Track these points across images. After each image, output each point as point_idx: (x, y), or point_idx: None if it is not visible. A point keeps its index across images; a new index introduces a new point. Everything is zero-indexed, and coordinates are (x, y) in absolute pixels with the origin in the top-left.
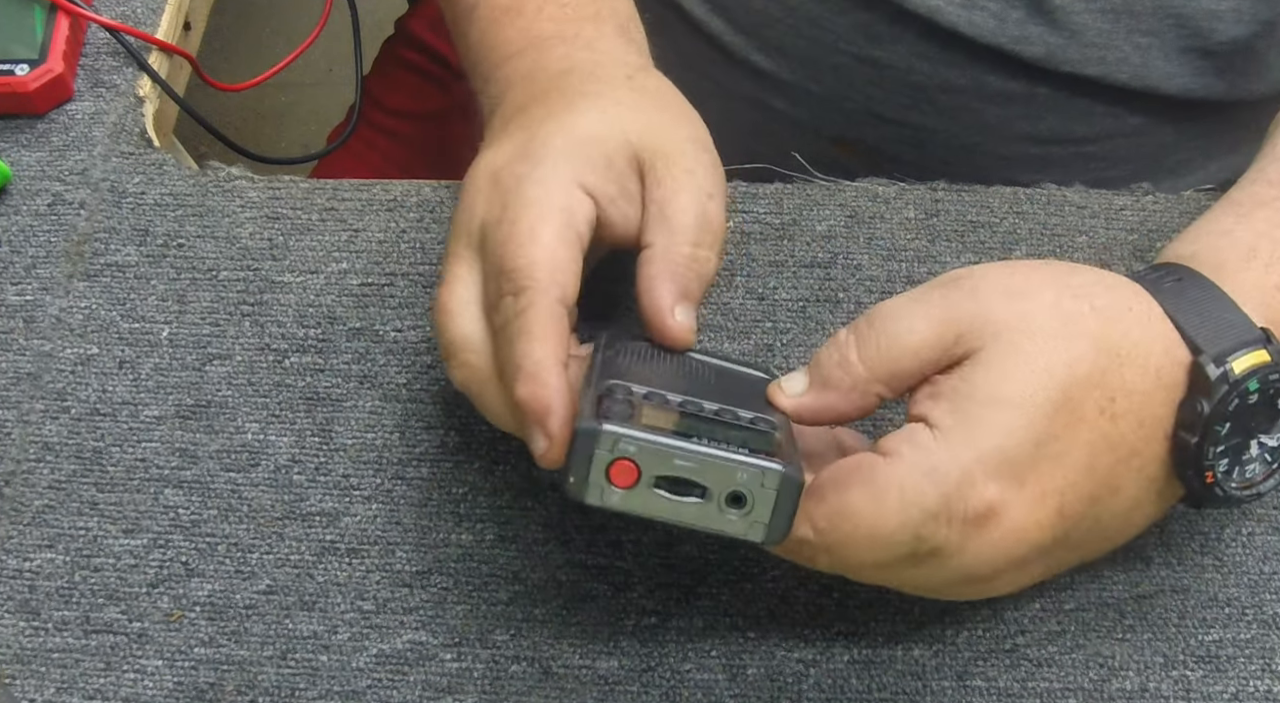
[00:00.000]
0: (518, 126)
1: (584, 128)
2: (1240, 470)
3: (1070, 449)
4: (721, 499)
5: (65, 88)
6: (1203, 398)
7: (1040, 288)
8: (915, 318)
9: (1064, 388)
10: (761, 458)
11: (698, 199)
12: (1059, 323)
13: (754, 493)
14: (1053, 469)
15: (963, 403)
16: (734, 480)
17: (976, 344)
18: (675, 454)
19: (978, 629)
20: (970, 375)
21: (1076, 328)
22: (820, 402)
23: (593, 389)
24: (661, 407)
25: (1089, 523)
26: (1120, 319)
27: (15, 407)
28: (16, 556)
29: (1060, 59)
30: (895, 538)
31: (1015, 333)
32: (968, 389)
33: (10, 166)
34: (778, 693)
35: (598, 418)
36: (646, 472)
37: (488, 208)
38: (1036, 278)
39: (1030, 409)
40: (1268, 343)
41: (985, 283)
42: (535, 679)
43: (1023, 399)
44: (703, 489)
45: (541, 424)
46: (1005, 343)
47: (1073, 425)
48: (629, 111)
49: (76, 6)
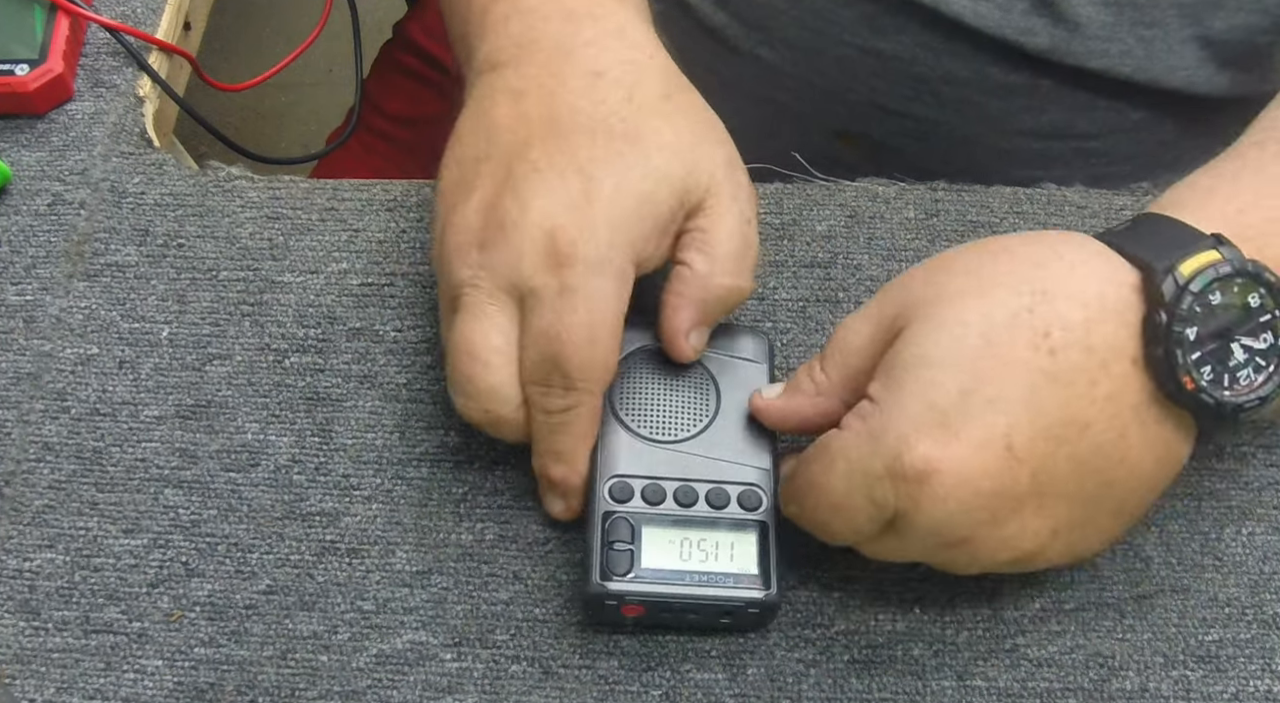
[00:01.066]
0: (559, 153)
1: (637, 187)
2: (1230, 377)
3: (1005, 391)
4: (713, 617)
5: (65, 88)
6: (1160, 309)
7: (956, 257)
8: (858, 321)
9: (983, 334)
10: (744, 587)
11: (739, 227)
12: (973, 282)
13: (738, 614)
14: (988, 415)
15: (892, 372)
16: (721, 611)
17: (904, 323)
18: (672, 601)
19: (978, 629)
20: (897, 348)
21: (990, 280)
22: (789, 405)
23: (599, 482)
24: (657, 518)
25: (1065, 464)
26: (1045, 263)
27: (15, 407)
28: (16, 555)
29: (1064, 52)
30: (851, 502)
31: (933, 303)
32: (895, 360)
33: (10, 166)
34: (778, 693)
35: (604, 576)
36: (651, 609)
37: (536, 267)
38: (956, 252)
39: (950, 363)
40: (1219, 245)
41: (912, 272)
42: (535, 679)
43: (942, 356)
44: (697, 614)
45: (565, 497)
46: (924, 313)
47: (1002, 368)
48: (673, 154)
49: (76, 6)
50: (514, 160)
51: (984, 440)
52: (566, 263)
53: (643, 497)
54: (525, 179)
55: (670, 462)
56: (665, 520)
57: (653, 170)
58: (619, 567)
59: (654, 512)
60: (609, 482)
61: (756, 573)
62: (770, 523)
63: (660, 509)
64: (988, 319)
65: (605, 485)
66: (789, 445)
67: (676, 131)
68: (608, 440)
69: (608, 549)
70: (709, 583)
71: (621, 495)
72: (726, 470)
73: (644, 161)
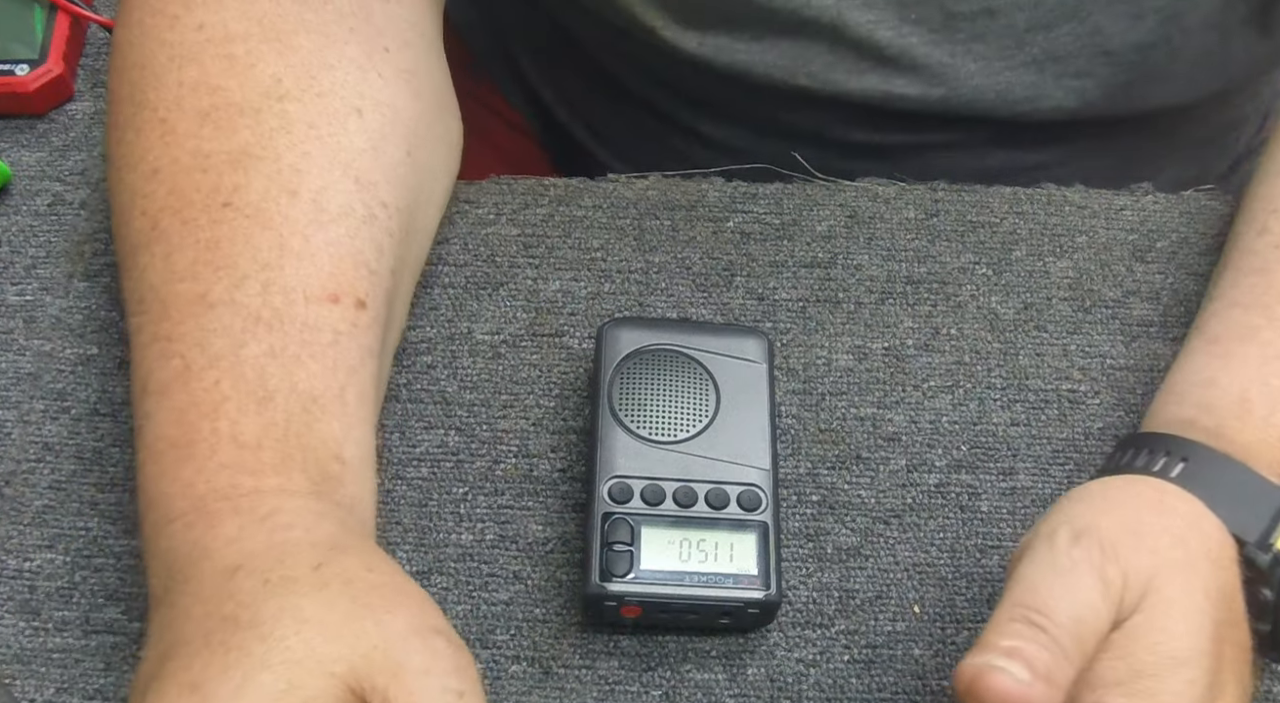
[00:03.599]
0: (171, 677)
1: (262, 685)
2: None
3: (1234, 672)
4: (712, 617)
5: (65, 88)
6: (1261, 586)
7: (1146, 517)
8: (1088, 594)
9: (1213, 620)
10: (743, 588)
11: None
12: (1180, 552)
13: (738, 614)
14: (1225, 699)
15: (1143, 679)
16: (721, 611)
17: (1136, 602)
18: (671, 602)
19: (978, 629)
20: (1144, 644)
21: (1193, 550)
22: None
23: (598, 483)
24: (657, 518)
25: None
26: (1193, 524)
27: (15, 407)
28: (16, 556)
29: (992, 107)
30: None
31: (1158, 579)
32: (1143, 660)
33: (10, 167)
34: (778, 693)
35: (604, 577)
36: (651, 610)
37: None
38: (1127, 501)
39: (1196, 660)
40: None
41: (1101, 522)
42: (535, 679)
43: (1189, 652)
44: (697, 615)
45: None
46: (1156, 597)
47: (1229, 651)
48: (320, 638)
49: (76, 6)
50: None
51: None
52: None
53: (642, 497)
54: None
55: (670, 462)
56: (665, 521)
57: (288, 657)
58: (618, 568)
59: (653, 512)
60: (608, 482)
61: (756, 573)
62: (770, 523)
63: (660, 510)
64: (1208, 598)
65: (604, 486)
66: (789, 447)
67: (327, 604)
68: (607, 441)
69: (607, 550)
70: (709, 584)
71: (621, 496)
72: (726, 471)
73: (273, 650)
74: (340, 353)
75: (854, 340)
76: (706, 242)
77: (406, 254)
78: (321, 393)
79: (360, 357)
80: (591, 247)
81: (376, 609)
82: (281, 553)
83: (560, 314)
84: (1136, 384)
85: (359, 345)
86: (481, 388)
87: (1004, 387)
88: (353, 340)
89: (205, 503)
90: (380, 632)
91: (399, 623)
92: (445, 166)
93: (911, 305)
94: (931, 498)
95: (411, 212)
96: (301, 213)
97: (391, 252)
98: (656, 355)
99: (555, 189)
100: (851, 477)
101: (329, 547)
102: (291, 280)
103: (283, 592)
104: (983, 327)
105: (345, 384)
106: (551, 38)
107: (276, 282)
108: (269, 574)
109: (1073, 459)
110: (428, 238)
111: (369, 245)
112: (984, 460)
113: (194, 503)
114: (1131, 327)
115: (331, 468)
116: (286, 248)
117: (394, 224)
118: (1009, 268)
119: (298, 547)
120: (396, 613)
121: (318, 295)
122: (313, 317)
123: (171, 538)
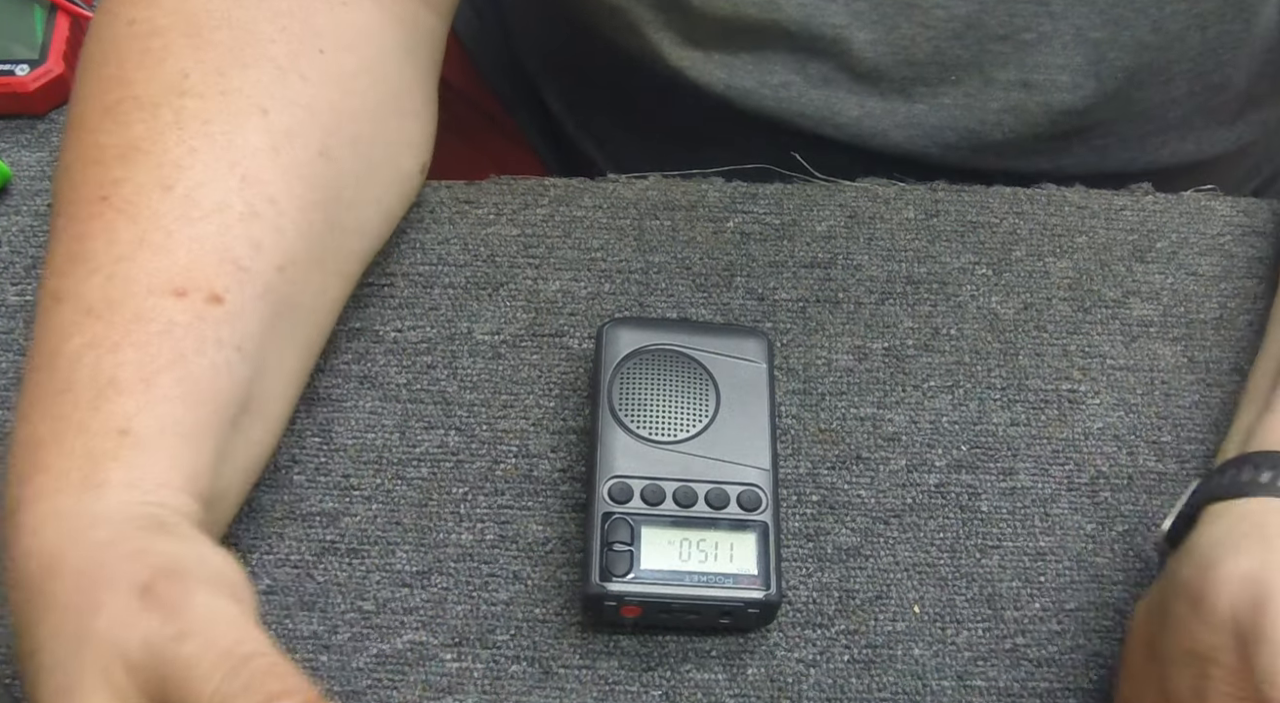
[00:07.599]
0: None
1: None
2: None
3: None
4: (712, 617)
5: (65, 88)
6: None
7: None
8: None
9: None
10: (744, 587)
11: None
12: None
13: (738, 614)
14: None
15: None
16: (721, 611)
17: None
18: (671, 601)
19: (978, 629)
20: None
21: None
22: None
23: (598, 483)
24: (657, 518)
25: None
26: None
27: (15, 407)
28: None
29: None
30: None
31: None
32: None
33: (10, 167)
34: (778, 693)
35: (603, 577)
36: (651, 610)
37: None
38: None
39: None
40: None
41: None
42: (535, 679)
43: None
44: (697, 615)
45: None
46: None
47: None
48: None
49: (76, 6)
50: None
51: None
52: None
53: (642, 497)
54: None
55: (669, 462)
56: (664, 521)
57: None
58: (618, 568)
59: (653, 512)
60: (608, 482)
61: (756, 573)
62: (770, 523)
63: (660, 510)
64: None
65: (604, 486)
66: (789, 447)
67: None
68: (607, 441)
69: (607, 550)
70: (709, 584)
71: (621, 496)
72: (726, 471)
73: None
74: (169, 342)
75: (854, 340)
76: (706, 242)
77: (322, 250)
78: (124, 377)
79: (198, 346)
80: (591, 247)
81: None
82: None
83: (560, 314)
84: (1136, 384)
85: (199, 336)
86: (481, 388)
87: (1004, 387)
88: (191, 331)
89: (3, 516)
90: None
91: (212, 563)
92: (393, 166)
93: (911, 305)
94: (931, 498)
95: (325, 208)
96: (170, 207)
97: (279, 248)
98: (656, 355)
99: (555, 189)
100: (851, 477)
101: (51, 555)
102: (138, 273)
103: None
104: (983, 327)
105: (161, 369)
106: (573, 53)
107: (122, 274)
108: (31, 593)
109: (1073, 459)
110: (367, 237)
111: (242, 242)
112: (984, 460)
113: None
114: (1131, 327)
115: (105, 445)
116: (145, 241)
117: (286, 221)
118: (1009, 268)
119: (26, 558)
120: (206, 562)
121: (162, 288)
122: (148, 308)
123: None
